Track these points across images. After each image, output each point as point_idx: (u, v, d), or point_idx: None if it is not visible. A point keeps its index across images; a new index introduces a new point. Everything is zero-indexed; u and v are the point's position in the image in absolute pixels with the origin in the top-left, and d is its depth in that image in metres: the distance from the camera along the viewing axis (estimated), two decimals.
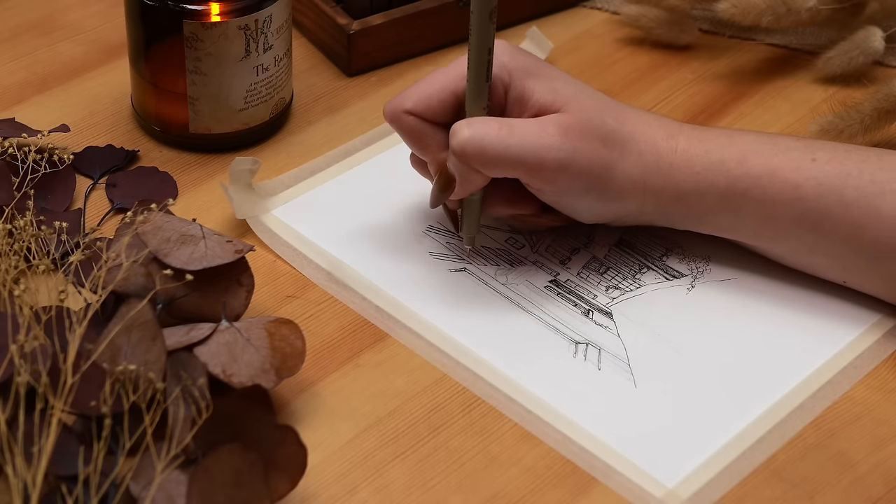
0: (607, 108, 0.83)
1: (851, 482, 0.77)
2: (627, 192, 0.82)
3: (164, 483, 0.71)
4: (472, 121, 0.80)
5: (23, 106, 0.97)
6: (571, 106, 0.81)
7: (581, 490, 0.76)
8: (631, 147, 0.82)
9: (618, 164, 0.81)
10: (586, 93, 0.83)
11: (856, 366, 0.82)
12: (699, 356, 0.83)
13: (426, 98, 0.83)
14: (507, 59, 0.82)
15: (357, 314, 0.84)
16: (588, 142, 0.80)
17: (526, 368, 0.82)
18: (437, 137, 0.83)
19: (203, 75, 0.90)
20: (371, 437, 0.78)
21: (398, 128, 0.83)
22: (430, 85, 0.83)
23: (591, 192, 0.82)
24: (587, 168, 0.80)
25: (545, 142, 0.80)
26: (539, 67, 0.83)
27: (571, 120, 0.80)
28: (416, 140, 0.83)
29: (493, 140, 0.79)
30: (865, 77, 1.01)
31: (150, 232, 0.80)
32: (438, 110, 0.83)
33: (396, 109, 0.83)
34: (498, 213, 0.85)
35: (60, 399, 0.71)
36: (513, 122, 0.80)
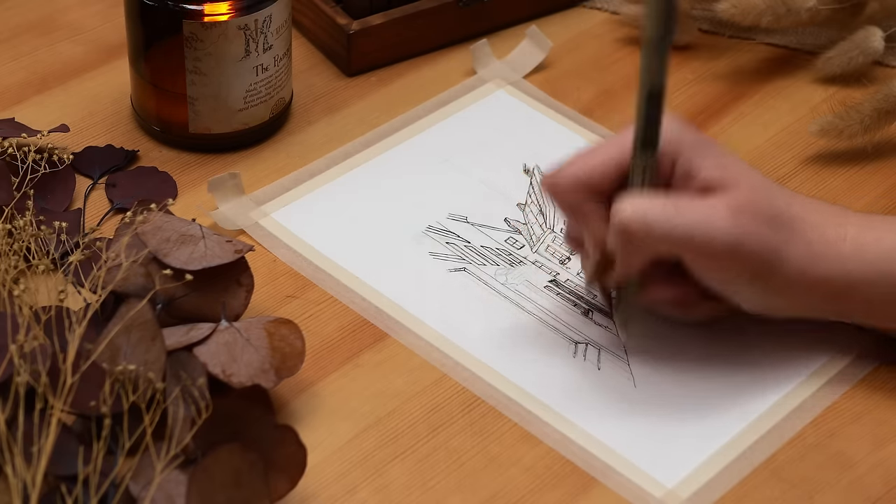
0: (773, 188, 0.79)
1: (851, 482, 0.77)
2: (795, 280, 0.78)
3: (163, 483, 0.71)
4: (637, 196, 0.76)
5: (23, 106, 0.97)
6: (741, 185, 0.77)
7: (581, 490, 0.76)
8: (799, 231, 0.78)
9: (787, 248, 0.77)
10: (753, 172, 0.78)
11: (856, 365, 0.82)
12: (699, 356, 0.82)
13: (588, 168, 0.78)
14: (678, 133, 0.78)
15: (357, 314, 0.84)
16: (757, 225, 0.76)
17: (526, 368, 0.82)
18: (599, 211, 0.78)
19: (203, 75, 0.90)
20: (370, 437, 0.78)
21: (557, 200, 0.79)
22: (593, 156, 0.78)
23: (759, 279, 0.77)
24: (756, 252, 0.76)
25: (715, 222, 0.75)
26: (706, 143, 0.78)
27: (741, 200, 0.76)
28: (575, 214, 0.79)
29: (659, 217, 0.75)
30: (865, 77, 1.01)
31: (149, 232, 0.80)
32: (600, 182, 0.78)
33: (557, 181, 0.79)
34: (658, 295, 0.81)
35: (60, 399, 0.71)
36: (678, 200, 0.76)
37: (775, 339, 0.83)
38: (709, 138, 0.79)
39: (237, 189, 0.90)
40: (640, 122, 0.76)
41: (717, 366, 0.82)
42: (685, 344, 0.83)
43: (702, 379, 0.81)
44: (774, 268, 0.77)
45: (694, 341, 0.83)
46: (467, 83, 1.00)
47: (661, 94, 0.75)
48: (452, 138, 0.95)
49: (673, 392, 0.81)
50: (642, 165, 0.77)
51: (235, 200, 0.90)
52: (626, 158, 0.78)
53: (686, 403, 0.80)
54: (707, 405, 0.80)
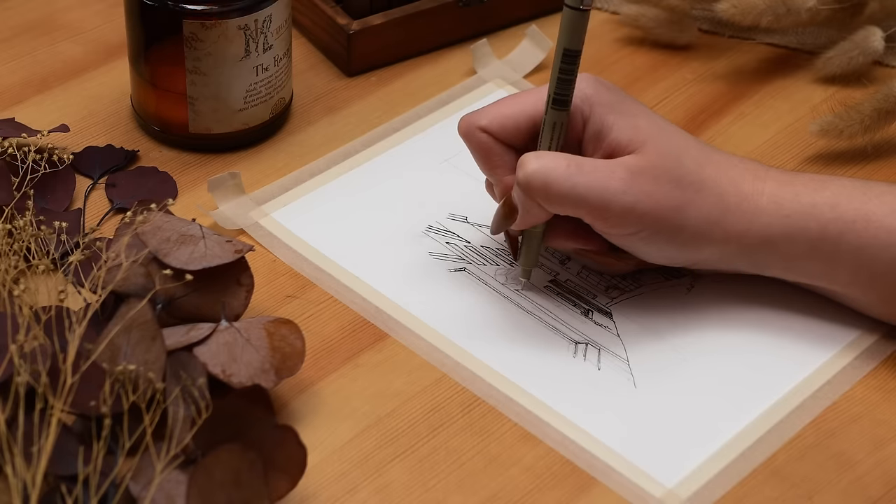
0: (687, 148, 0.80)
1: (851, 482, 0.77)
2: (703, 235, 0.80)
3: (163, 483, 0.71)
4: (542, 154, 0.78)
5: (23, 106, 0.97)
6: (648, 147, 0.79)
7: (581, 490, 0.76)
8: (710, 189, 0.80)
9: (691, 206, 0.79)
10: (668, 132, 0.80)
11: (855, 366, 0.82)
12: (699, 356, 0.83)
13: (502, 118, 0.81)
14: (591, 91, 0.80)
15: (357, 314, 0.84)
16: (658, 185, 0.78)
17: (525, 368, 0.82)
18: (507, 160, 0.81)
19: (203, 75, 0.90)
20: (371, 437, 0.78)
21: (470, 143, 0.82)
22: (509, 106, 0.81)
23: (660, 234, 0.79)
24: (655, 212, 0.78)
25: (612, 185, 0.77)
26: (623, 103, 0.80)
27: (644, 163, 0.78)
28: (485, 159, 0.82)
29: (560, 177, 0.77)
30: (865, 77, 1.01)
31: (149, 232, 0.80)
32: (513, 132, 0.81)
33: (471, 124, 0.81)
34: (560, 245, 0.83)
35: (60, 399, 0.71)
36: (583, 160, 0.78)
37: (776, 339, 0.83)
38: (629, 99, 0.81)
39: (237, 189, 0.90)
40: (553, 79, 0.79)
41: (717, 366, 0.82)
42: (685, 344, 0.83)
43: (701, 379, 0.81)
44: (677, 225, 0.79)
45: (694, 342, 0.83)
46: (467, 83, 1.00)
47: (576, 54, 0.78)
48: (452, 138, 0.95)
49: (673, 392, 0.81)
50: (552, 122, 0.79)
51: (235, 200, 0.90)
52: (539, 112, 0.80)
53: (686, 403, 0.80)
54: (707, 405, 0.80)
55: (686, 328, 0.84)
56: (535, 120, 0.81)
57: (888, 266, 0.80)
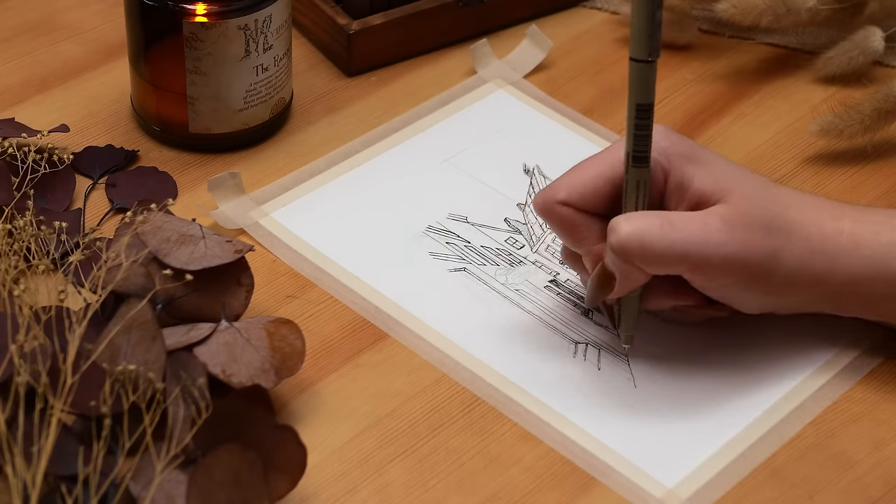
0: (768, 192, 0.79)
1: (851, 482, 0.77)
2: (794, 279, 0.78)
3: (163, 483, 0.71)
4: (632, 216, 0.76)
5: (23, 106, 0.97)
6: (734, 195, 0.77)
7: (581, 490, 0.76)
8: (797, 232, 0.78)
9: (783, 251, 0.77)
10: (746, 178, 0.79)
11: (855, 366, 0.82)
12: (699, 356, 0.82)
13: (581, 187, 0.78)
14: (667, 144, 0.78)
15: (357, 314, 0.84)
16: (753, 233, 0.76)
17: (526, 368, 0.82)
18: (594, 229, 0.78)
19: (203, 75, 0.90)
20: (371, 437, 0.78)
21: (551, 220, 0.79)
22: (584, 172, 0.78)
23: (757, 284, 0.77)
24: (753, 261, 0.76)
25: (711, 238, 0.75)
26: (697, 152, 0.78)
27: (734, 211, 0.76)
28: (570, 232, 0.79)
29: (655, 236, 0.75)
30: (865, 77, 1.01)
31: (149, 232, 0.80)
32: (593, 200, 0.78)
33: (549, 200, 0.78)
34: (660, 306, 0.81)
35: (60, 399, 0.71)
36: (674, 216, 0.76)
37: (776, 338, 0.83)
38: (700, 147, 0.79)
39: (237, 188, 0.90)
40: (629, 137, 0.76)
41: (717, 366, 0.82)
42: (685, 344, 0.83)
43: (702, 379, 0.81)
44: (771, 271, 0.77)
45: (694, 341, 0.83)
46: (467, 83, 1.00)
47: (649, 108, 0.75)
48: (452, 138, 0.95)
49: (673, 392, 0.81)
50: (635, 180, 0.77)
51: (235, 200, 0.90)
52: (616, 174, 0.78)
53: (686, 403, 0.80)
54: (707, 405, 0.80)
55: (686, 328, 0.84)
56: (615, 182, 0.78)
57: None
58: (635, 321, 0.81)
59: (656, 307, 0.81)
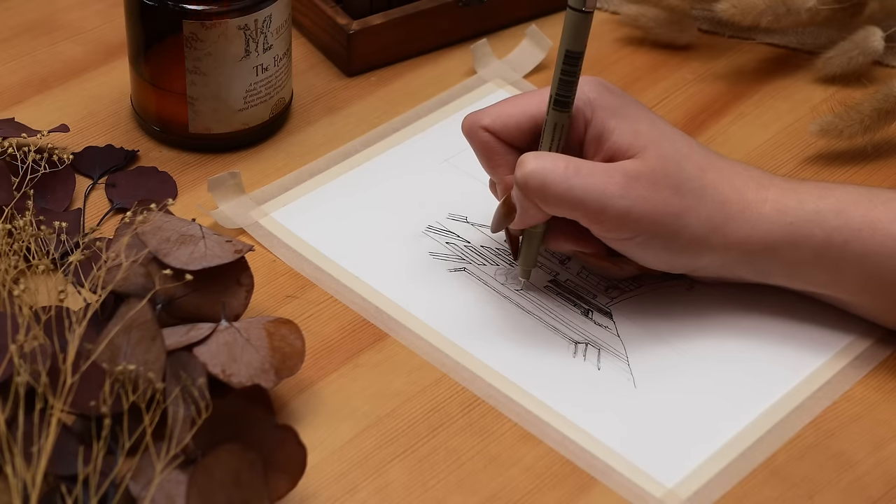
0: (689, 154, 0.80)
1: (851, 482, 0.77)
2: (702, 241, 0.79)
3: (163, 483, 0.71)
4: (541, 155, 0.78)
5: (23, 106, 0.97)
6: (649, 152, 0.78)
7: (581, 490, 0.76)
8: (711, 196, 0.79)
9: (690, 212, 0.79)
10: (670, 138, 0.80)
11: (855, 366, 0.82)
12: (699, 356, 0.83)
13: (505, 117, 0.81)
14: (594, 94, 0.80)
15: (357, 314, 0.84)
16: (657, 191, 0.78)
17: (525, 368, 0.82)
18: (510, 159, 0.81)
19: (203, 75, 0.90)
20: (371, 437, 0.78)
21: (472, 142, 0.82)
22: (512, 105, 0.81)
23: (657, 239, 0.79)
24: (651, 217, 0.78)
25: (609, 189, 0.77)
26: (626, 107, 0.80)
27: (642, 168, 0.78)
28: (487, 158, 0.82)
29: (557, 178, 0.77)
30: (865, 77, 1.01)
31: (149, 232, 0.80)
32: (515, 132, 0.81)
33: (473, 123, 0.82)
34: (559, 247, 0.83)
35: (60, 399, 0.71)
36: (581, 163, 0.78)
37: (775, 339, 0.83)
38: (634, 104, 0.81)
39: (237, 188, 0.90)
40: (555, 80, 0.79)
41: (717, 366, 0.82)
42: (685, 344, 0.83)
43: (701, 379, 0.81)
44: (674, 231, 0.79)
45: (694, 341, 0.83)
46: (467, 83, 1.00)
47: (579, 56, 0.78)
48: (452, 138, 0.95)
49: (673, 392, 0.81)
50: (554, 123, 0.79)
51: (235, 200, 0.90)
52: (541, 113, 0.80)
53: (686, 403, 0.80)
54: (707, 405, 0.80)
55: (686, 328, 0.84)
56: (538, 120, 0.81)
57: (894, 274, 0.79)
58: (535, 258, 0.84)
59: (556, 248, 0.83)
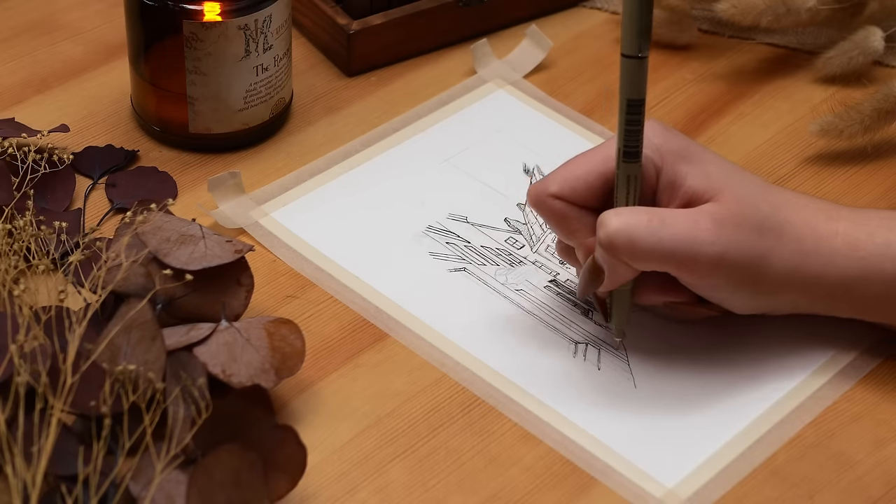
0: (761, 192, 0.78)
1: (851, 482, 0.77)
2: (786, 281, 0.78)
3: (163, 483, 0.71)
4: (621, 211, 0.76)
5: (23, 106, 0.97)
6: (725, 194, 0.77)
7: (581, 490, 0.76)
8: (789, 233, 0.78)
9: (774, 252, 0.77)
10: (739, 178, 0.78)
11: (855, 366, 0.82)
12: (699, 355, 0.82)
13: (573, 180, 0.78)
14: (660, 140, 0.78)
15: (357, 314, 0.84)
16: (743, 233, 0.76)
17: (525, 368, 0.82)
18: (586, 222, 0.79)
19: (203, 75, 0.90)
20: (371, 437, 0.78)
21: (543, 213, 0.79)
22: (577, 167, 0.79)
23: (747, 285, 0.77)
24: (742, 261, 0.76)
25: (699, 236, 0.75)
26: (691, 150, 0.78)
27: (725, 211, 0.76)
28: (562, 225, 0.79)
29: (643, 232, 0.75)
30: (865, 77, 1.01)
31: (149, 232, 0.80)
32: (585, 193, 0.78)
33: (541, 193, 0.79)
34: (649, 301, 0.81)
35: (60, 399, 0.71)
36: (663, 213, 0.76)
37: (775, 338, 0.83)
38: (694, 144, 0.79)
39: (237, 188, 0.90)
40: (620, 132, 0.76)
41: (718, 365, 0.82)
42: (685, 344, 0.83)
43: (702, 379, 0.81)
44: (762, 273, 0.77)
45: (694, 341, 0.83)
46: (467, 83, 1.00)
47: (640, 104, 0.76)
48: (452, 138, 0.96)
49: (673, 392, 0.81)
50: (626, 175, 0.77)
51: (235, 200, 0.90)
52: (609, 169, 0.78)
53: (686, 404, 0.80)
54: (707, 405, 0.80)
55: (686, 328, 0.84)
56: (607, 177, 0.78)
57: None
58: (626, 315, 0.81)
59: (647, 302, 0.81)
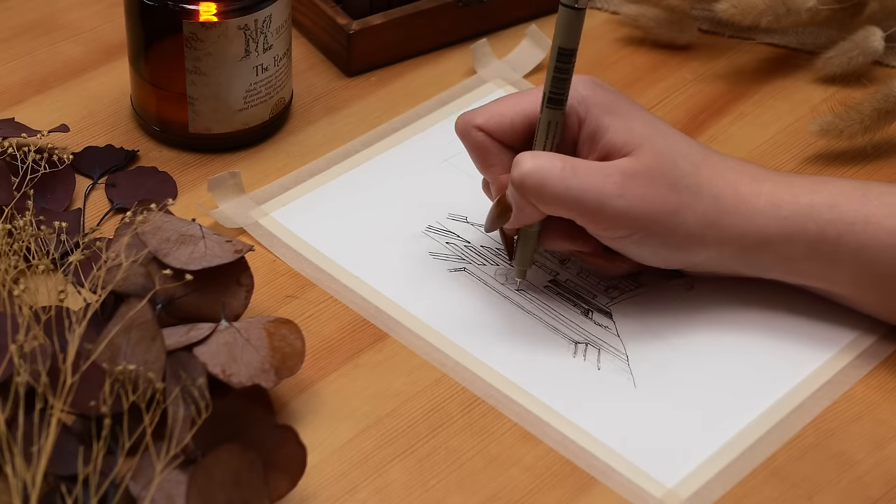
0: (683, 151, 0.80)
1: (851, 482, 0.77)
2: (698, 237, 0.80)
3: (163, 483, 0.71)
4: (538, 154, 0.78)
5: (23, 106, 0.97)
6: (644, 149, 0.78)
7: (581, 490, 0.76)
8: (706, 191, 0.79)
9: (687, 208, 0.79)
10: (664, 135, 0.80)
11: (855, 365, 0.82)
12: (699, 356, 0.82)
13: (498, 116, 0.81)
14: (588, 93, 0.80)
15: (356, 314, 0.84)
16: (653, 188, 0.78)
17: (525, 368, 0.82)
18: (504, 159, 0.81)
19: (203, 75, 0.90)
20: (371, 437, 0.78)
21: (466, 142, 0.82)
22: (505, 105, 0.81)
23: (654, 237, 0.79)
24: (649, 215, 0.78)
25: (607, 189, 0.77)
26: (619, 105, 0.80)
27: (639, 166, 0.78)
28: (481, 157, 0.82)
29: (555, 178, 0.77)
30: (865, 77, 1.01)
31: (149, 232, 0.80)
32: (509, 131, 0.81)
33: (467, 123, 0.82)
34: (554, 246, 0.83)
35: (60, 399, 0.71)
36: (578, 163, 0.78)
37: (775, 338, 0.83)
38: (625, 100, 0.81)
39: (237, 188, 0.90)
40: (548, 78, 0.79)
41: (717, 366, 0.82)
42: (685, 344, 0.83)
43: (701, 379, 0.81)
44: (671, 228, 0.79)
45: (694, 341, 0.83)
46: (467, 83, 1.00)
47: (571, 53, 0.78)
48: (452, 138, 0.95)
49: (673, 392, 0.81)
50: (548, 121, 0.79)
51: (235, 199, 0.90)
52: (534, 112, 0.80)
53: (686, 403, 0.80)
54: (707, 405, 0.80)
55: (686, 328, 0.84)
56: (532, 119, 0.81)
57: (888, 268, 0.80)
58: (530, 257, 0.83)
59: (552, 248, 0.84)
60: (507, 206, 0.80)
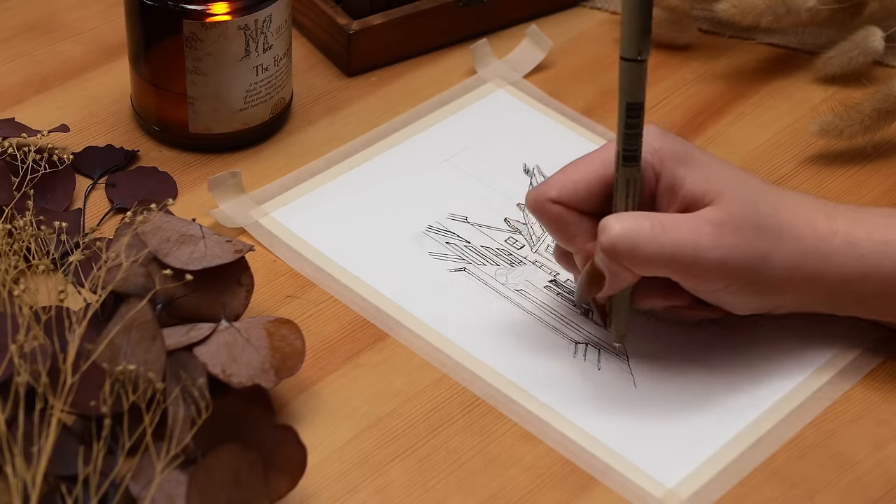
0: (759, 193, 0.78)
1: (851, 482, 0.77)
2: (786, 281, 0.78)
3: (163, 483, 0.71)
4: (623, 216, 0.76)
5: (23, 106, 0.97)
6: (724, 197, 0.76)
7: (581, 490, 0.76)
8: (787, 233, 0.78)
9: (774, 252, 0.77)
10: (738, 179, 0.78)
11: (855, 366, 0.82)
12: (699, 356, 0.82)
13: (572, 184, 0.78)
14: (659, 144, 0.78)
15: (357, 314, 0.84)
16: (743, 236, 0.76)
17: (525, 368, 0.82)
18: (585, 227, 0.78)
19: (203, 75, 0.90)
20: (371, 437, 0.78)
21: (542, 217, 0.79)
22: (575, 171, 0.78)
23: (749, 285, 0.77)
24: (744, 264, 0.76)
25: (701, 241, 0.75)
26: (690, 153, 0.78)
27: (724, 214, 0.76)
28: (561, 230, 0.79)
29: (646, 238, 0.75)
30: (865, 77, 1.01)
31: (149, 232, 0.80)
32: (585, 198, 0.78)
33: (540, 198, 0.78)
34: (650, 305, 0.81)
35: (60, 399, 0.71)
36: (665, 218, 0.76)
37: (776, 338, 0.83)
38: (693, 148, 0.79)
39: (237, 188, 0.90)
40: (620, 136, 0.76)
41: (718, 366, 0.82)
42: (685, 344, 0.83)
43: (701, 379, 0.81)
44: (763, 274, 0.77)
45: (694, 342, 0.83)
46: (467, 83, 1.00)
47: (640, 107, 0.75)
48: (452, 138, 0.96)
49: (673, 392, 0.81)
50: (626, 180, 0.77)
51: (235, 199, 0.90)
52: (608, 172, 0.78)
53: (686, 403, 0.80)
54: (707, 405, 0.80)
55: (686, 328, 0.84)
56: (606, 181, 0.78)
57: None
58: (626, 320, 0.81)
59: (647, 307, 0.81)
60: (598, 274, 0.78)
